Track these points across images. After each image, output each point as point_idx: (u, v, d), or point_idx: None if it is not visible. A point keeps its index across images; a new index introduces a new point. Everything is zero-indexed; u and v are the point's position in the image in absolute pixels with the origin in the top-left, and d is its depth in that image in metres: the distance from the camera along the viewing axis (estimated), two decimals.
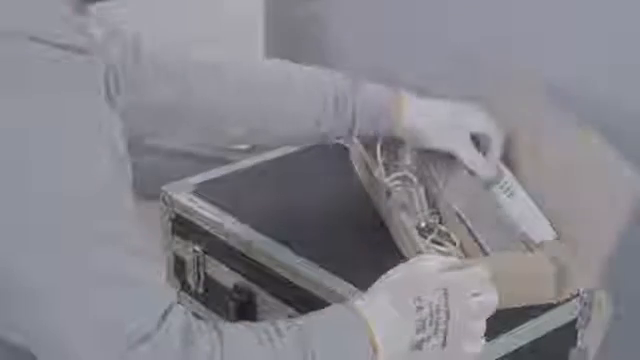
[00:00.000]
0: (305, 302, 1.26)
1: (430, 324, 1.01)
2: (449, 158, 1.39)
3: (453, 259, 1.09)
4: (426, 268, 1.05)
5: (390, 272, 1.06)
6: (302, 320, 0.99)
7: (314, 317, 1.01)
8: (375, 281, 1.06)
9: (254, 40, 1.99)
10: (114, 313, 0.89)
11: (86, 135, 0.91)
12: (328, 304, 1.19)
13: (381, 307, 1.02)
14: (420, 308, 1.01)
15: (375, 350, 0.99)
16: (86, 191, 0.89)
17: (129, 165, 0.97)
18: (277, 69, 1.34)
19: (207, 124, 1.29)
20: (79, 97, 0.92)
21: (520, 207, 1.32)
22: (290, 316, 1.27)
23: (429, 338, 1.01)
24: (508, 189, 1.35)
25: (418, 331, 1.01)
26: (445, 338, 1.02)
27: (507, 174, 1.36)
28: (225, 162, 1.60)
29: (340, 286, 1.24)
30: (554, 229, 1.29)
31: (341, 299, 1.19)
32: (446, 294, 1.02)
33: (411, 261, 1.08)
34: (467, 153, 1.35)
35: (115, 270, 0.89)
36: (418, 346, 1.01)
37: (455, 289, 1.03)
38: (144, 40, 1.23)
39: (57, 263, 0.87)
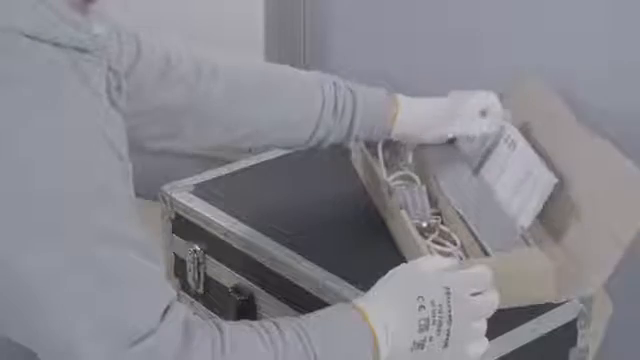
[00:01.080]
0: (305, 302, 1.26)
1: (433, 323, 1.01)
2: (451, 157, 1.39)
3: (454, 260, 1.10)
4: (428, 268, 1.05)
5: (392, 272, 1.06)
6: (304, 320, 0.99)
7: (316, 317, 1.01)
8: (376, 281, 1.06)
9: (254, 41, 1.99)
10: (116, 311, 0.89)
11: (85, 133, 0.91)
12: (328, 304, 1.19)
13: (383, 306, 1.02)
14: (422, 307, 1.01)
15: (377, 350, 0.99)
16: (86, 189, 0.89)
17: (129, 165, 0.97)
18: (278, 74, 1.34)
19: (210, 127, 1.29)
20: (78, 95, 0.92)
21: (522, 158, 1.32)
22: (290, 316, 1.27)
23: (431, 338, 1.01)
24: (511, 142, 1.35)
25: (421, 330, 1.01)
26: (447, 338, 1.02)
27: (509, 127, 1.36)
28: (225, 162, 1.60)
29: (341, 286, 1.24)
30: (555, 228, 1.29)
31: (342, 299, 1.19)
32: (448, 294, 1.02)
33: (413, 261, 1.08)
34: (461, 131, 1.36)
35: (117, 268, 0.90)
36: (420, 346, 1.01)
37: (457, 289, 1.03)
38: (148, 41, 1.23)
39: (59, 262, 0.87)
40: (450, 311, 1.02)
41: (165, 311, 0.91)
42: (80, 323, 0.88)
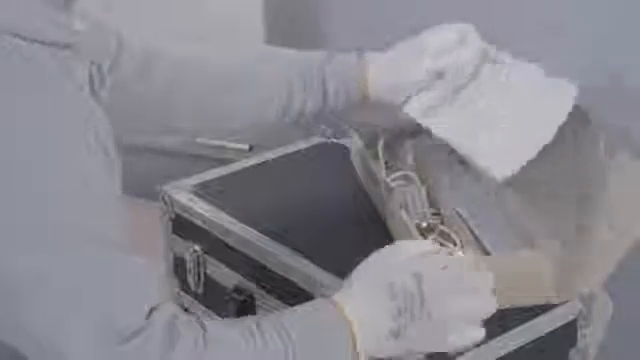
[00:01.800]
0: (305, 302, 1.26)
1: (405, 311, 1.01)
2: (451, 157, 1.39)
3: (435, 245, 1.10)
4: (399, 255, 1.06)
5: (364, 262, 1.07)
6: (284, 317, 1.00)
7: (295, 314, 1.01)
8: None
9: (254, 37, 1.99)
10: (103, 311, 0.89)
11: (72, 133, 0.91)
12: None
13: (356, 298, 1.02)
14: (395, 296, 1.01)
15: (354, 342, 1.00)
16: (73, 190, 0.90)
17: (118, 161, 0.97)
18: (243, 60, 1.35)
19: (191, 118, 1.30)
20: (63, 94, 0.92)
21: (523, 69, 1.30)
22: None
23: (406, 326, 1.01)
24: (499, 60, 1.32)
25: (394, 319, 1.01)
26: (423, 324, 1.01)
27: (491, 50, 1.32)
28: (225, 162, 1.60)
29: (340, 286, 1.24)
30: (555, 226, 1.29)
31: None
32: (419, 279, 1.01)
33: (384, 248, 1.08)
34: (434, 66, 1.29)
35: (102, 267, 0.90)
36: (396, 334, 1.01)
37: (429, 274, 1.02)
38: (130, 36, 1.24)
39: (46, 262, 0.88)
40: (423, 297, 1.01)
41: (151, 310, 0.91)
42: (67, 323, 0.88)
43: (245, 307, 1.37)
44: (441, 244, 1.31)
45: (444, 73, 1.30)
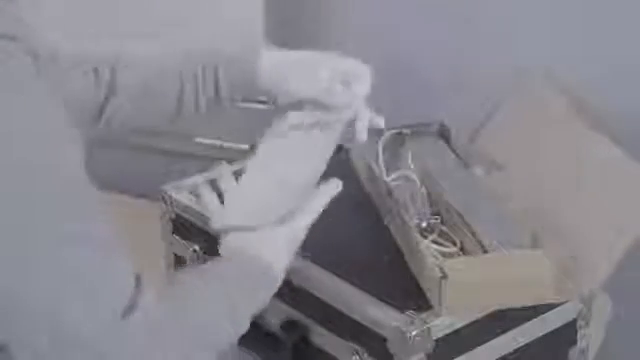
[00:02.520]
0: (304, 301, 1.26)
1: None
2: (450, 157, 1.39)
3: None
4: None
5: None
6: (233, 289, 1.10)
7: (240, 287, 1.13)
8: (376, 281, 1.07)
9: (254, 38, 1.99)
10: (98, 287, 0.90)
11: (46, 130, 0.90)
12: (327, 303, 1.19)
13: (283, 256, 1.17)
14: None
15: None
16: (51, 189, 0.89)
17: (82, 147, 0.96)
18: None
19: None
20: (39, 93, 0.91)
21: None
22: (290, 317, 1.27)
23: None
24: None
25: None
26: None
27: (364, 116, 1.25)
28: (225, 162, 1.60)
29: (340, 285, 1.24)
30: (556, 226, 1.29)
31: (340, 298, 1.19)
32: None
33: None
34: (310, 95, 1.25)
35: (84, 267, 0.90)
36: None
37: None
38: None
39: (26, 263, 0.87)
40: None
41: (137, 283, 0.93)
42: (51, 325, 0.89)
43: None
44: (441, 244, 1.31)
45: (317, 102, 1.25)
